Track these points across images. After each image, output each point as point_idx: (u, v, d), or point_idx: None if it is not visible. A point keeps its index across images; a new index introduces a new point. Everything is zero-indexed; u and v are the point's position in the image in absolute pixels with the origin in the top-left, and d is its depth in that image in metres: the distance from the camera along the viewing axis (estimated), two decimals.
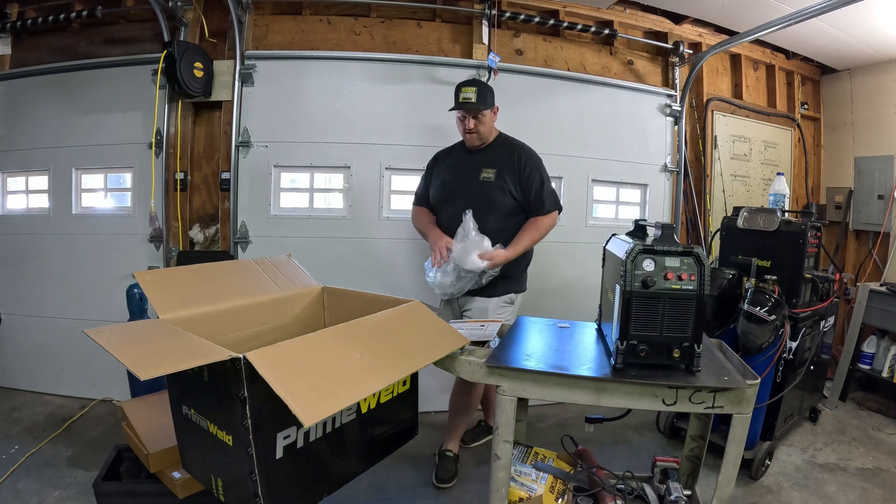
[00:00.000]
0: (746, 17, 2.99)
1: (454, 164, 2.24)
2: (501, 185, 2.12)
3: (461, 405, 2.27)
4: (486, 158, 2.18)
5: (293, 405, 0.95)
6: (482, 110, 2.11)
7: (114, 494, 1.60)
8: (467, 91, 2.08)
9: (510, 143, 2.23)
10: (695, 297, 1.25)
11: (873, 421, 2.88)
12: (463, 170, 2.19)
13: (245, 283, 1.68)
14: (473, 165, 2.17)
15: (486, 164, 2.15)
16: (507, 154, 2.18)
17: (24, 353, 2.92)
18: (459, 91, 2.11)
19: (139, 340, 1.18)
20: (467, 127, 2.13)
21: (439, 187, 2.23)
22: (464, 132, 2.17)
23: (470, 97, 2.07)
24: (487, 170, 2.14)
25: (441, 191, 2.22)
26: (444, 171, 2.25)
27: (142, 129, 2.74)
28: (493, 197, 2.12)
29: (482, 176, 2.14)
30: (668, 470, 1.67)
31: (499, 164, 2.14)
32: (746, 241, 2.44)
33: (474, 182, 2.14)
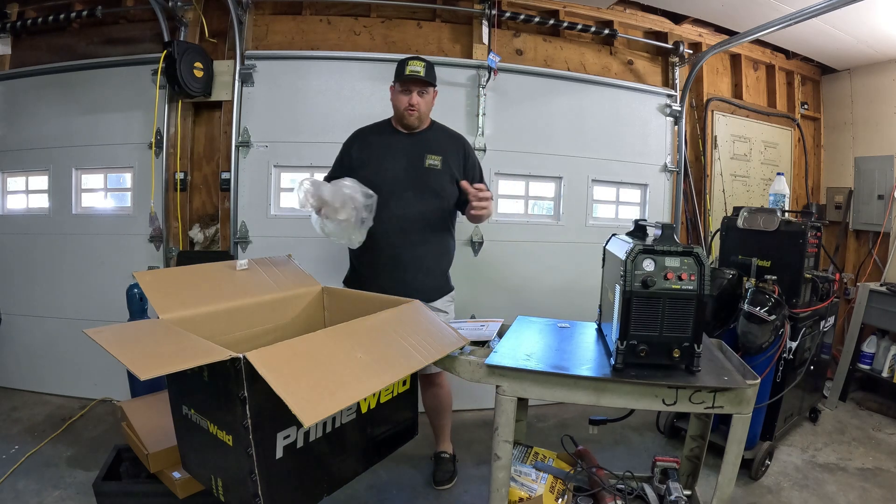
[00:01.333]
0: (746, 17, 2.99)
1: (390, 147, 2.01)
2: (449, 174, 2.00)
3: (436, 407, 2.20)
4: (428, 144, 2.01)
5: (293, 405, 0.95)
6: (429, 85, 1.98)
7: (114, 494, 1.60)
8: (416, 64, 1.95)
9: (447, 130, 2.11)
10: (695, 297, 1.24)
11: (873, 421, 2.88)
12: (404, 154, 1.99)
13: (245, 283, 1.68)
14: (415, 150, 1.99)
15: (430, 149, 2.00)
16: (450, 141, 2.07)
17: (24, 353, 2.92)
18: (406, 64, 1.95)
19: (139, 340, 1.18)
20: (411, 101, 1.95)
21: (378, 172, 1.95)
22: (405, 108, 1.97)
23: (418, 70, 1.94)
24: (432, 156, 1.99)
25: (380, 176, 1.94)
26: (379, 155, 2.00)
27: (142, 129, 2.74)
28: (443, 186, 1.99)
29: (428, 163, 1.98)
30: (668, 470, 1.67)
31: (443, 151, 2.01)
32: (746, 241, 2.44)
33: (420, 169, 1.97)
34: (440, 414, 2.23)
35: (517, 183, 3.04)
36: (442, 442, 2.26)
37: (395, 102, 2.02)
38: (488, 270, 2.92)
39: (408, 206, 1.95)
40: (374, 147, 2.03)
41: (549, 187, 3.09)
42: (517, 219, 3.03)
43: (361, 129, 2.12)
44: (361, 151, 2.03)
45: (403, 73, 1.95)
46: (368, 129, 2.11)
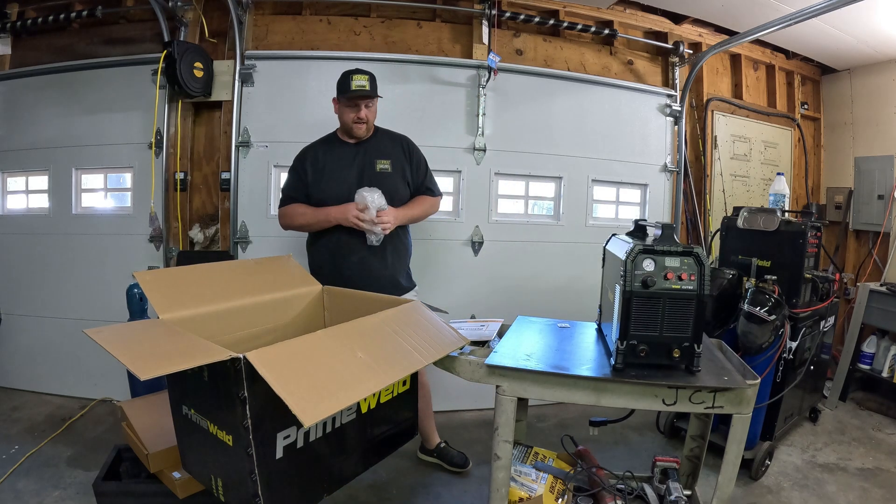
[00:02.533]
0: (746, 17, 2.99)
1: (341, 159, 2.07)
2: (401, 175, 2.10)
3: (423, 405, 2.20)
4: (375, 150, 2.10)
5: (293, 405, 0.95)
6: (375, 98, 2.05)
7: (114, 494, 1.60)
8: (361, 78, 1.99)
9: (390, 133, 2.19)
10: (695, 297, 1.25)
11: (873, 421, 2.88)
12: (355, 163, 2.06)
13: (245, 283, 1.68)
14: (365, 158, 2.07)
15: (378, 155, 2.08)
16: (394, 144, 2.15)
17: (24, 353, 2.92)
18: (350, 79, 1.98)
19: (139, 340, 1.18)
20: (358, 115, 2.02)
21: (333, 185, 2.03)
22: (353, 121, 2.03)
23: (364, 85, 1.98)
24: (382, 161, 2.07)
25: (337, 188, 2.02)
26: (332, 168, 2.06)
27: (142, 129, 2.74)
28: (396, 188, 2.07)
29: (378, 167, 2.06)
30: (668, 470, 1.67)
31: (391, 155, 2.10)
32: (746, 241, 2.44)
33: (373, 174, 2.05)
34: (428, 406, 2.29)
35: (517, 183, 3.04)
36: (435, 433, 2.33)
37: (342, 117, 2.07)
38: (488, 270, 2.92)
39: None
40: (326, 161, 2.08)
41: (549, 187, 3.09)
42: (517, 219, 3.03)
43: (309, 145, 2.16)
44: (315, 166, 2.07)
45: (350, 90, 1.98)
46: (316, 144, 2.16)
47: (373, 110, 2.07)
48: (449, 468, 2.26)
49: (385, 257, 2.07)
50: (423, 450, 2.35)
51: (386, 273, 2.07)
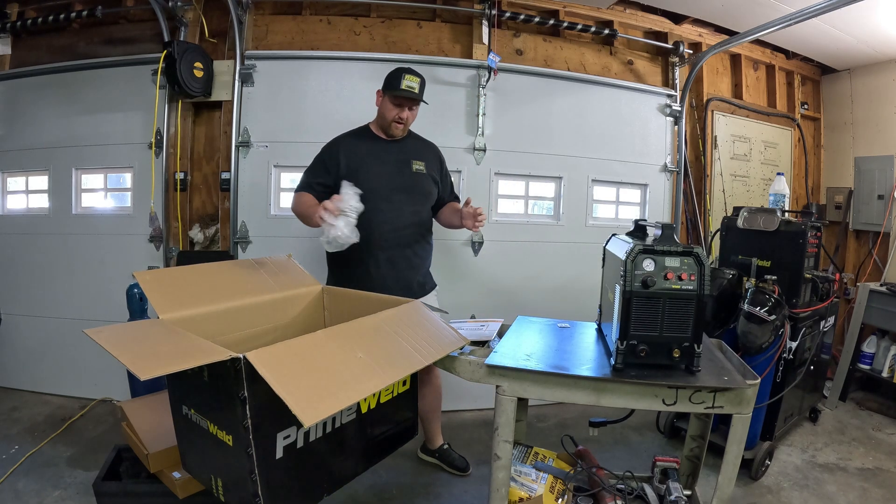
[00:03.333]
0: (746, 17, 2.99)
1: (376, 154, 2.04)
2: (432, 178, 2.11)
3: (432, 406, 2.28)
4: (411, 150, 2.10)
5: (293, 405, 0.95)
6: (419, 103, 2.05)
7: (114, 494, 1.60)
8: (412, 80, 1.97)
9: (422, 139, 2.21)
10: (695, 297, 1.25)
11: (873, 421, 2.88)
12: (391, 159, 2.04)
13: (245, 283, 1.68)
14: (401, 156, 2.06)
15: (414, 155, 2.08)
16: (426, 148, 2.17)
17: (24, 353, 2.92)
18: (402, 77, 1.95)
19: (139, 340, 1.18)
20: (400, 115, 2.00)
21: (368, 178, 1.96)
22: (393, 119, 2.00)
23: (414, 87, 1.97)
24: (417, 162, 2.08)
25: (372, 181, 1.97)
26: (368, 161, 2.02)
27: (142, 129, 2.74)
28: (429, 190, 2.10)
29: (415, 167, 2.07)
30: (668, 470, 1.67)
31: (424, 157, 2.11)
32: (746, 241, 2.44)
33: (410, 173, 2.05)
34: (437, 409, 2.30)
35: (517, 183, 3.04)
36: (439, 435, 2.33)
37: (383, 111, 2.03)
38: (488, 270, 2.93)
39: (399, 208, 2.02)
40: (360, 154, 2.03)
41: (549, 187, 3.10)
42: (517, 219, 3.03)
43: (342, 135, 2.11)
44: (349, 158, 2.02)
45: (399, 88, 1.95)
46: (349, 135, 2.11)
47: (414, 113, 2.06)
48: (449, 470, 2.26)
49: (410, 257, 2.06)
50: (425, 450, 2.35)
51: (412, 273, 2.08)
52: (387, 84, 2.01)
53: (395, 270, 2.03)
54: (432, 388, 2.24)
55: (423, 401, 2.23)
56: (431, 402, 2.26)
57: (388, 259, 2.01)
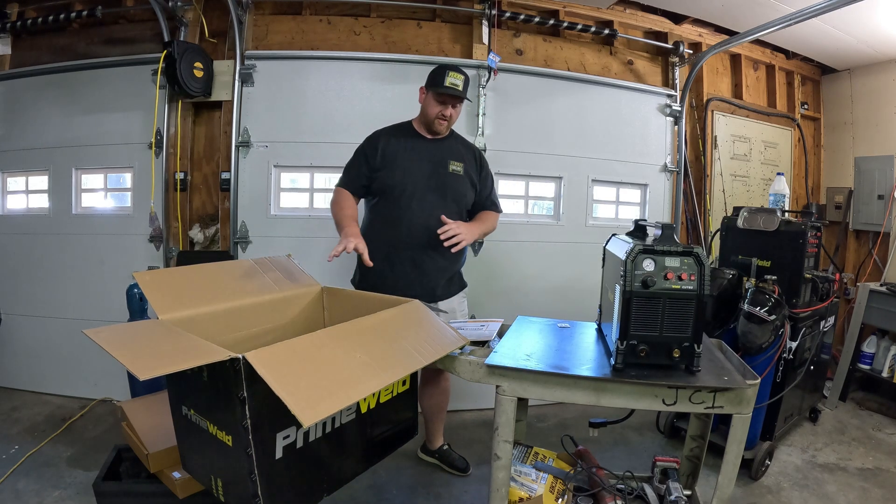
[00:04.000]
0: (747, 16, 2.99)
1: (414, 151, 2.02)
2: (469, 180, 2.07)
3: (438, 407, 2.28)
4: (449, 150, 2.06)
5: (292, 405, 0.95)
6: (463, 101, 2.02)
7: (114, 494, 1.60)
8: (456, 77, 1.94)
9: (464, 140, 2.17)
10: (695, 297, 1.24)
11: (873, 421, 2.88)
12: (429, 158, 2.02)
13: (245, 283, 1.68)
14: (439, 156, 2.03)
15: (452, 156, 2.05)
16: (467, 150, 2.13)
17: (24, 353, 2.92)
18: (446, 74, 1.93)
19: (139, 340, 1.18)
20: (444, 112, 1.98)
21: (404, 173, 1.99)
22: (436, 115, 1.99)
23: (458, 84, 1.95)
24: (455, 163, 2.04)
25: (407, 177, 1.98)
26: (406, 157, 2.01)
27: (142, 129, 2.74)
28: (464, 192, 2.06)
29: (451, 168, 2.03)
30: (668, 470, 1.67)
31: (463, 159, 2.07)
32: (746, 241, 2.44)
33: (445, 174, 2.02)
34: (443, 410, 2.30)
35: (517, 183, 3.04)
36: (440, 436, 2.33)
37: (427, 108, 2.02)
38: (488, 270, 2.92)
39: (431, 208, 1.98)
40: (398, 149, 2.02)
41: (549, 187, 3.10)
42: (517, 219, 3.03)
43: (383, 129, 2.10)
44: (387, 150, 2.01)
45: (443, 85, 1.93)
46: (390, 130, 2.10)
47: (457, 111, 2.03)
48: (449, 471, 2.26)
49: (437, 259, 2.01)
50: (425, 450, 2.35)
51: (437, 274, 2.04)
52: (431, 81, 1.99)
53: (417, 272, 1.99)
54: (440, 389, 2.24)
55: (431, 400, 2.25)
56: (438, 402, 2.26)
57: (411, 258, 1.98)
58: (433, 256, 2.00)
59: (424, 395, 2.24)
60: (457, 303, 2.14)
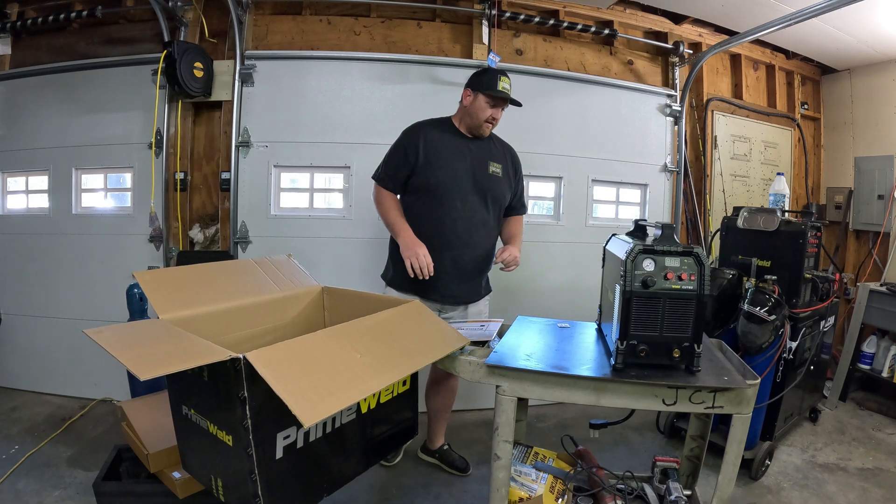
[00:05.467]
0: (746, 17, 2.99)
1: (457, 149, 2.01)
2: (507, 182, 2.09)
3: (445, 406, 2.29)
4: (489, 151, 2.07)
5: (293, 405, 0.95)
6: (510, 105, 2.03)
7: (114, 494, 1.60)
8: (506, 82, 1.97)
9: (501, 141, 2.18)
10: (695, 297, 1.24)
11: (873, 421, 2.88)
12: (470, 157, 2.02)
13: (245, 283, 1.68)
14: (480, 156, 2.04)
15: (492, 157, 2.06)
16: (504, 151, 2.14)
17: (24, 353, 2.92)
18: (498, 79, 1.95)
19: (139, 340, 1.18)
20: (494, 116, 2.00)
21: (448, 171, 1.97)
22: (486, 119, 1.99)
23: (509, 89, 1.97)
24: (494, 164, 2.06)
25: (451, 175, 1.97)
26: (449, 154, 2.00)
27: (142, 129, 2.74)
28: (503, 193, 2.08)
29: (491, 170, 2.04)
30: (668, 470, 1.67)
31: (501, 161, 2.09)
32: (746, 241, 2.44)
33: (486, 175, 2.03)
34: (448, 410, 2.31)
35: None
36: (442, 436, 2.33)
37: (475, 110, 1.99)
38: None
39: (472, 209, 2.00)
40: (441, 146, 2.00)
41: (549, 187, 3.09)
42: None
43: (423, 123, 2.08)
44: (429, 145, 1.99)
45: (495, 88, 1.94)
46: (431, 124, 2.07)
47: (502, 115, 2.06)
48: (449, 471, 2.26)
49: (477, 259, 2.04)
50: (425, 449, 2.35)
51: (476, 276, 2.07)
52: (483, 84, 1.97)
53: (458, 270, 2.00)
54: (448, 389, 2.25)
55: (437, 398, 2.27)
56: (445, 401, 2.27)
57: (452, 258, 1.98)
58: (474, 256, 2.02)
59: (432, 393, 2.27)
60: (483, 305, 2.18)
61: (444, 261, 1.96)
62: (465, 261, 2.00)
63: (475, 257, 2.02)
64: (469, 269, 2.03)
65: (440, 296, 2.01)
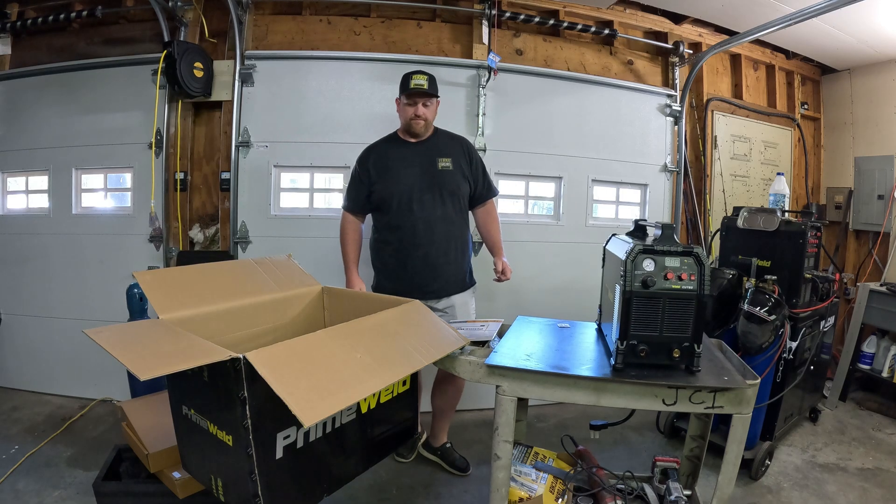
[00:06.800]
0: (746, 17, 2.99)
1: (403, 157, 2.14)
2: (461, 173, 2.16)
3: (451, 406, 2.32)
4: (436, 148, 2.16)
5: (293, 405, 0.95)
6: (432, 97, 2.12)
7: (114, 494, 1.60)
8: (419, 78, 2.08)
9: (450, 134, 2.25)
10: (695, 297, 1.24)
11: (873, 421, 2.88)
12: (417, 161, 2.13)
13: (245, 284, 1.68)
14: (426, 156, 2.14)
15: (439, 153, 2.14)
16: (454, 143, 2.21)
17: (24, 353, 2.92)
18: (410, 78, 2.09)
19: (139, 340, 1.18)
20: (417, 112, 2.09)
21: (396, 181, 2.10)
22: (410, 118, 2.11)
23: (422, 84, 2.07)
24: (443, 159, 2.13)
25: (401, 184, 2.10)
26: (395, 165, 2.13)
27: (142, 129, 2.74)
28: (458, 184, 2.14)
29: (441, 165, 2.12)
30: (668, 470, 1.67)
31: (451, 154, 2.16)
32: (746, 241, 2.44)
33: (436, 171, 2.12)
34: (452, 408, 2.34)
35: (517, 183, 3.03)
36: (445, 434, 2.35)
37: (402, 114, 2.15)
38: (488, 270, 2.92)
39: (429, 207, 2.10)
40: (388, 159, 2.15)
41: (549, 187, 3.09)
42: (517, 219, 3.03)
43: (371, 145, 2.23)
44: (377, 165, 2.15)
45: (408, 87, 2.08)
46: (378, 144, 2.23)
47: (431, 110, 2.14)
48: (450, 470, 2.26)
49: (448, 252, 2.13)
50: (427, 446, 2.36)
51: (450, 268, 2.14)
52: (400, 88, 2.13)
53: (429, 267, 2.10)
54: (455, 387, 2.27)
55: (444, 396, 2.30)
56: (451, 399, 2.30)
57: (422, 257, 2.09)
58: (441, 253, 2.11)
59: (438, 391, 2.30)
60: (468, 297, 2.24)
61: (416, 261, 2.10)
62: (433, 257, 2.10)
63: (443, 252, 2.11)
64: (440, 263, 2.11)
65: (421, 293, 2.04)
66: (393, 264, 2.14)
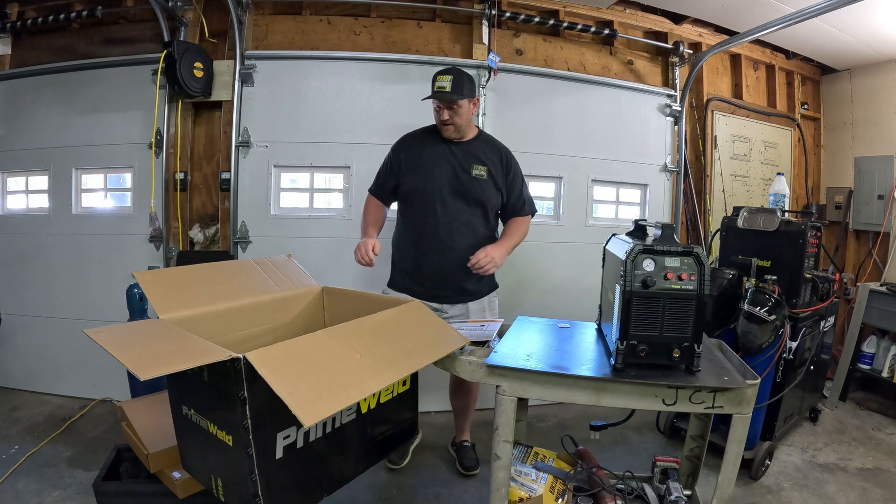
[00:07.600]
0: (746, 17, 2.99)
1: (436, 155, 2.03)
2: (494, 184, 2.06)
3: (468, 405, 2.32)
4: (473, 154, 2.05)
5: (293, 405, 0.95)
6: (457, 100, 1.94)
7: (114, 494, 1.60)
8: (442, 80, 1.92)
9: (492, 141, 2.15)
10: (695, 297, 1.24)
11: (873, 421, 2.88)
12: (450, 162, 2.03)
13: (245, 283, 1.68)
14: (461, 159, 2.03)
15: (475, 160, 2.04)
16: (493, 152, 2.10)
17: (24, 353, 2.92)
18: (434, 79, 1.96)
19: (139, 340, 1.18)
20: (442, 118, 1.98)
21: (425, 179, 2.02)
22: (439, 124, 2.01)
23: (444, 86, 1.91)
24: (478, 167, 2.03)
25: (425, 182, 2.01)
26: (427, 161, 2.03)
27: (142, 129, 2.74)
28: (489, 195, 2.05)
29: (474, 173, 2.02)
30: (668, 470, 1.67)
31: (488, 162, 2.06)
32: (746, 241, 2.44)
33: (467, 178, 2.02)
34: (468, 409, 2.33)
35: None
36: (464, 433, 2.35)
37: (434, 117, 2.04)
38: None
39: (454, 212, 2.01)
40: (421, 153, 2.06)
41: (549, 187, 3.10)
42: None
43: (409, 134, 2.14)
44: (409, 158, 2.06)
45: (433, 92, 1.97)
46: (416, 134, 2.13)
47: (462, 112, 1.98)
48: (457, 466, 2.26)
49: (458, 259, 2.00)
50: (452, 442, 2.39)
51: (465, 278, 2.03)
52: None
53: (443, 271, 2.03)
54: (471, 387, 2.27)
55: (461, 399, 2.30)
56: (466, 399, 2.30)
57: (437, 260, 2.02)
58: (456, 259, 2.01)
59: (454, 391, 2.31)
60: (486, 302, 2.17)
61: (430, 262, 2.03)
62: (448, 262, 2.02)
63: (459, 258, 2.00)
64: (454, 270, 2.02)
65: (431, 296, 2.03)
66: (409, 263, 2.09)
